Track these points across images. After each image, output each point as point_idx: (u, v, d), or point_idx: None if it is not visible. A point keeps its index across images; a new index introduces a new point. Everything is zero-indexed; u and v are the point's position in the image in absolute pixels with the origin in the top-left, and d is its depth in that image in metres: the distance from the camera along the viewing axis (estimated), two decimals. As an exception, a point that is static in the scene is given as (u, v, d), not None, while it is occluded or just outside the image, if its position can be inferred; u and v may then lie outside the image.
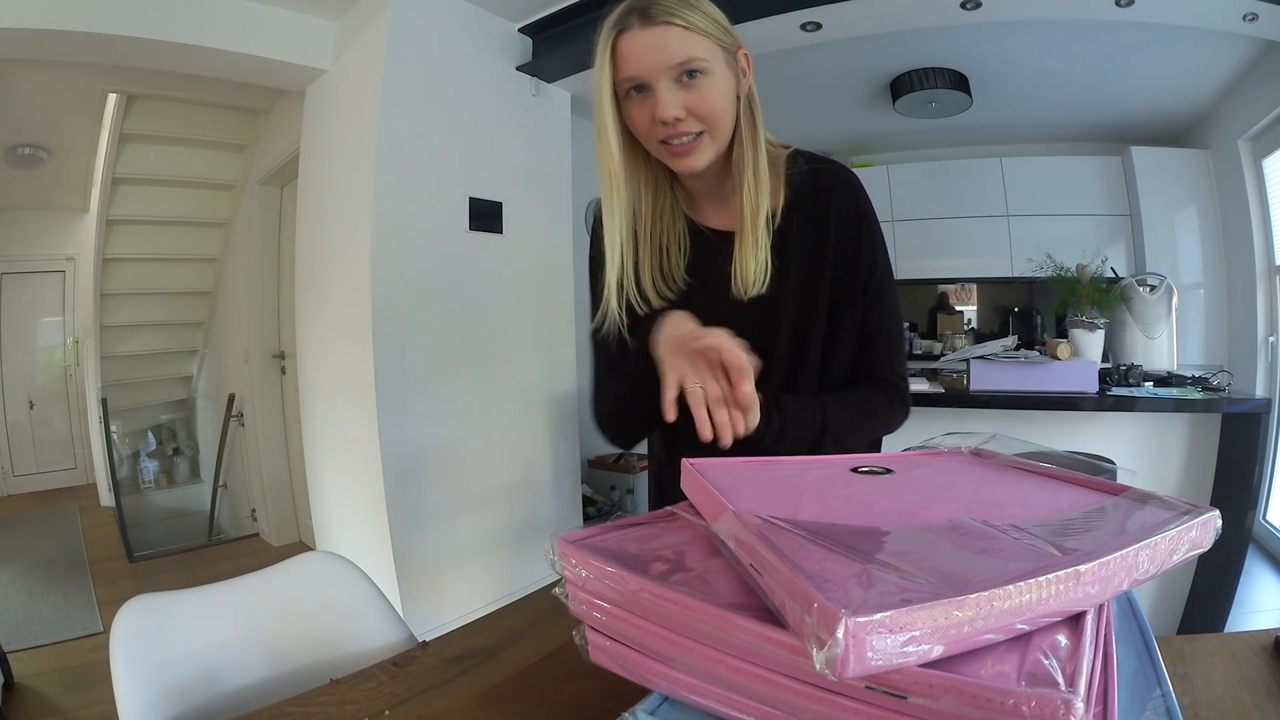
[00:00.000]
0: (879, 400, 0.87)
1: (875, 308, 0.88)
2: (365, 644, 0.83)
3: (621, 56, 0.78)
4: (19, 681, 2.18)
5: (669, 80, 0.77)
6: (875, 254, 0.88)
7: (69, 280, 5.02)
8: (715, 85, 0.79)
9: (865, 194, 0.89)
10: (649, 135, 0.81)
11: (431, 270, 2.50)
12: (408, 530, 2.39)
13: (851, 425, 0.84)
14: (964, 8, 2.29)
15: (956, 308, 4.39)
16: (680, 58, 0.77)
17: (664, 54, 0.77)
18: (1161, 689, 0.42)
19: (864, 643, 0.29)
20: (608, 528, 0.54)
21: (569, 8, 2.63)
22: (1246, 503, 1.96)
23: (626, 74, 0.78)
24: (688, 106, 0.78)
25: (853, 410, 0.85)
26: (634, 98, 0.80)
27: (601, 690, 0.57)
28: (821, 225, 0.86)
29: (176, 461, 4.85)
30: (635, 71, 0.77)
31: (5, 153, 3.70)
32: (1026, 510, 0.48)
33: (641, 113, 0.79)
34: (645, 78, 0.77)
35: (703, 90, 0.78)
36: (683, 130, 0.79)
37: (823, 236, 0.86)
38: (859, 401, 0.86)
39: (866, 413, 0.87)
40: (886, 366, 0.89)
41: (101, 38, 2.15)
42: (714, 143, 0.81)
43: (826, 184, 0.88)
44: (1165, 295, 2.32)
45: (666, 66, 0.77)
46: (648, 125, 0.80)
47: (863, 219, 0.87)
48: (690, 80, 0.78)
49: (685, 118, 0.78)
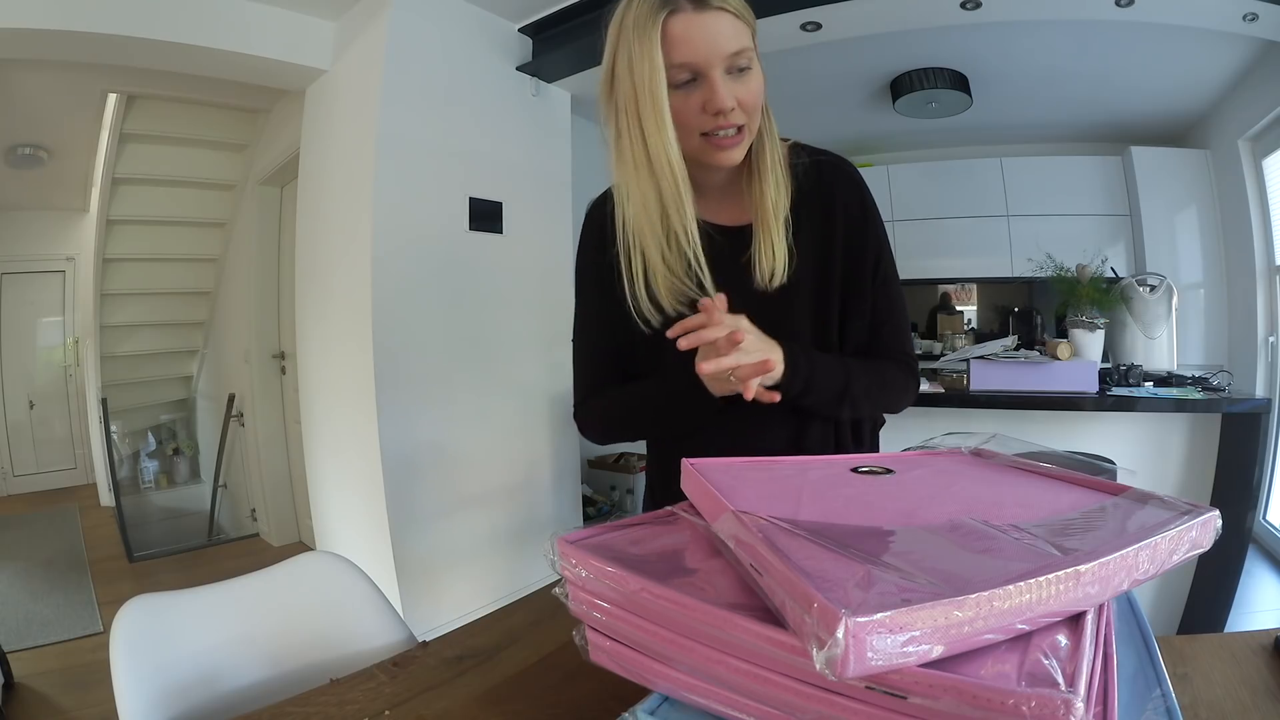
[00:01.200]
0: (895, 373, 0.90)
1: (884, 294, 0.90)
2: (365, 644, 0.83)
3: (673, 40, 0.74)
4: (19, 681, 2.18)
5: (723, 70, 0.75)
6: (880, 243, 0.90)
7: (69, 280, 5.02)
8: (757, 79, 0.78)
9: (866, 185, 0.91)
10: (693, 126, 0.78)
11: (431, 270, 2.50)
12: (408, 530, 2.39)
13: (870, 391, 0.86)
14: (964, 8, 2.29)
15: (956, 308, 4.39)
16: (735, 47, 0.75)
17: (722, 41, 0.74)
18: (1161, 689, 0.42)
19: (864, 643, 0.29)
20: (608, 528, 0.54)
21: (569, 8, 2.63)
22: (1246, 503, 1.96)
23: (680, 59, 0.74)
24: (737, 98, 0.76)
25: (872, 378, 0.87)
26: (681, 90, 0.76)
27: (601, 690, 0.57)
28: (828, 217, 0.88)
29: (176, 461, 4.85)
30: (690, 58, 0.74)
31: (5, 153, 3.70)
32: (1026, 510, 0.48)
33: (689, 102, 0.76)
34: (701, 65, 0.74)
35: (749, 83, 0.77)
36: (731, 122, 0.77)
37: (830, 227, 0.88)
38: (879, 370, 0.88)
39: (885, 382, 0.89)
40: (897, 348, 0.91)
41: (101, 38, 2.15)
42: (750, 136, 0.81)
43: (830, 176, 0.89)
44: (1165, 295, 2.32)
45: (723, 55, 0.74)
46: (695, 116, 0.77)
47: (867, 210, 0.89)
48: (740, 73, 0.76)
49: (735, 109, 0.76)
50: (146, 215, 4.05)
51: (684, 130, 0.78)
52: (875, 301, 0.89)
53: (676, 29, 0.73)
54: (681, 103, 0.76)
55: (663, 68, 0.74)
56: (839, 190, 0.88)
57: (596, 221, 0.93)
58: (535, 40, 2.81)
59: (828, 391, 0.83)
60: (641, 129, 0.77)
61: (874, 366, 0.88)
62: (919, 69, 3.29)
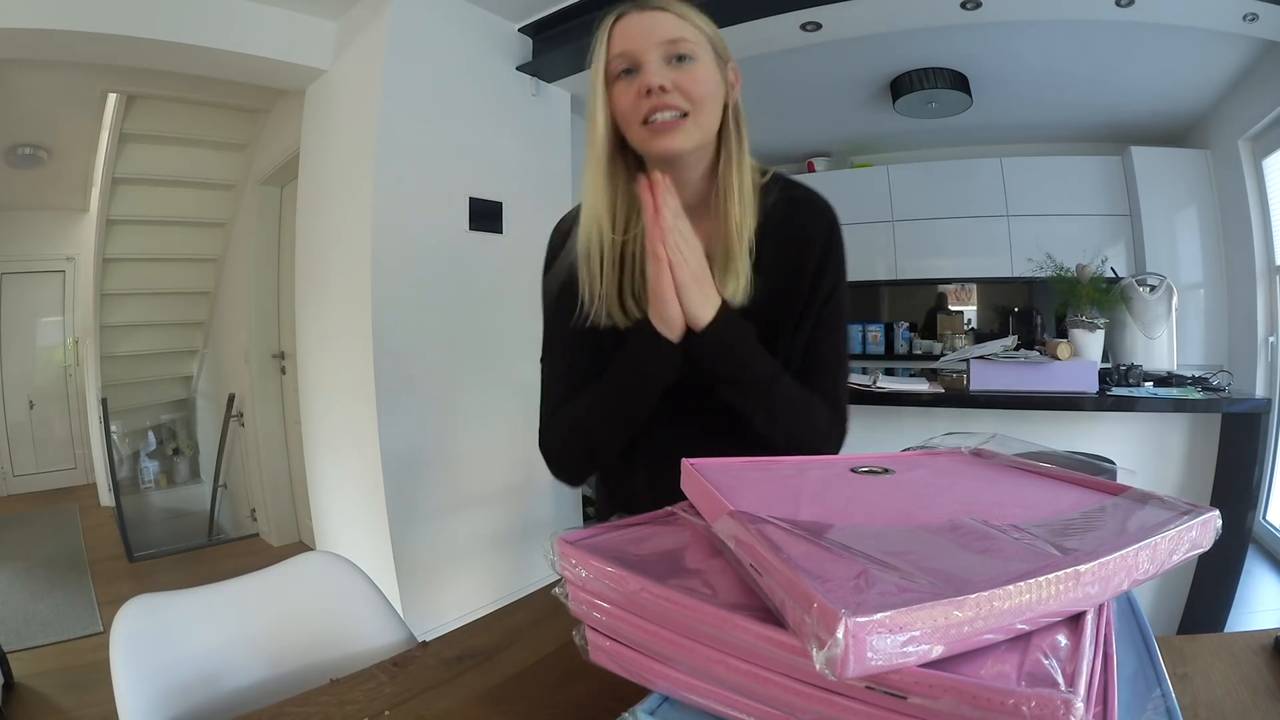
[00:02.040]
0: (822, 411, 0.87)
1: (827, 337, 0.88)
2: (365, 644, 0.83)
3: (615, 36, 0.80)
4: (19, 681, 2.18)
5: (658, 55, 0.79)
6: (838, 280, 0.88)
7: (69, 280, 5.02)
8: (702, 69, 0.80)
9: (838, 223, 0.89)
10: (633, 114, 0.80)
11: (431, 270, 2.50)
12: (408, 530, 2.39)
13: (792, 407, 0.83)
14: (964, 8, 2.29)
15: (956, 308, 4.39)
16: (672, 35, 0.79)
17: (655, 30, 0.79)
18: (1161, 689, 0.42)
19: (864, 643, 0.29)
20: (608, 528, 0.54)
21: (569, 8, 2.63)
22: (1246, 503, 1.95)
23: (617, 50, 0.80)
24: (675, 83, 0.79)
25: (799, 397, 0.84)
26: (622, 79, 0.81)
27: (601, 690, 0.57)
28: (793, 253, 0.86)
29: (176, 461, 4.85)
30: (626, 47, 0.79)
31: (5, 153, 3.70)
32: (1026, 510, 0.48)
33: (628, 91, 0.80)
34: (635, 53, 0.79)
35: (691, 71, 0.79)
36: (668, 103, 0.78)
37: (793, 263, 0.86)
38: (809, 398, 0.86)
39: (810, 412, 0.86)
40: (831, 390, 0.88)
41: (101, 38, 2.15)
42: (697, 129, 0.81)
43: (801, 213, 0.88)
44: (1165, 295, 2.32)
45: (656, 42, 0.79)
46: (633, 101, 0.79)
47: (832, 250, 0.87)
48: (679, 63, 0.79)
49: (671, 91, 0.78)
50: (146, 215, 4.05)
51: (627, 121, 0.81)
52: (815, 333, 0.87)
53: (619, 28, 0.81)
54: (623, 93, 0.80)
55: (604, 65, 0.81)
56: (809, 228, 0.87)
57: (560, 233, 0.94)
58: (535, 40, 2.81)
59: (752, 371, 0.82)
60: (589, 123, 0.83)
61: (805, 392, 0.85)
62: (919, 69, 3.29)
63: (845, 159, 4.56)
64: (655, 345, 0.81)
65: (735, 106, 0.85)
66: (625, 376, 0.84)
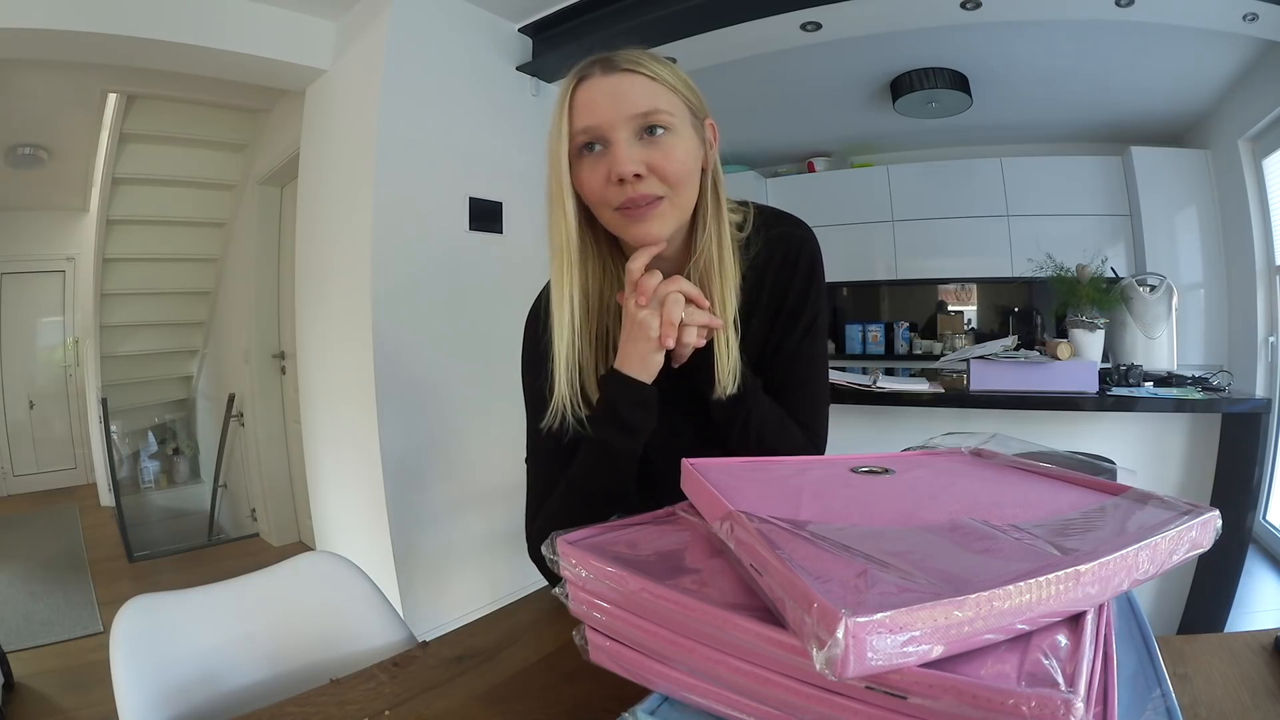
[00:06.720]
0: (799, 437, 0.82)
1: (806, 359, 0.84)
2: (365, 644, 0.83)
3: (577, 106, 0.70)
4: (19, 681, 2.18)
5: (628, 133, 0.69)
6: (818, 311, 0.84)
7: (69, 280, 5.01)
8: (680, 144, 0.71)
9: (820, 254, 0.85)
10: (602, 199, 0.71)
11: (431, 270, 2.50)
12: (408, 530, 2.39)
13: (767, 424, 0.80)
14: (964, 8, 2.30)
15: (956, 308, 4.39)
16: (643, 108, 0.69)
17: (624, 103, 0.69)
18: (1161, 689, 0.42)
19: (864, 643, 0.29)
20: (608, 528, 0.54)
21: (569, 8, 2.63)
22: (1246, 503, 1.95)
23: (581, 125, 0.69)
24: (649, 164, 0.69)
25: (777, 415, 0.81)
26: (586, 156, 0.71)
27: (601, 690, 0.57)
28: (776, 293, 0.83)
29: (176, 461, 4.86)
30: (591, 122, 0.69)
31: (5, 153, 3.70)
32: (1026, 510, 0.48)
33: (595, 172, 0.70)
34: (602, 128, 0.69)
35: (666, 148, 0.70)
36: (643, 192, 0.69)
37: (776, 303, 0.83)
38: (784, 419, 0.82)
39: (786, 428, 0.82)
40: (809, 418, 0.84)
41: (101, 38, 2.15)
42: (675, 210, 0.73)
43: (779, 255, 0.83)
44: (1165, 295, 2.32)
45: (626, 116, 0.69)
46: (601, 186, 0.70)
47: (814, 281, 0.83)
48: (652, 137, 0.70)
49: (646, 176, 0.69)
50: (146, 215, 4.05)
51: (597, 204, 0.72)
52: (793, 362, 0.83)
53: (581, 95, 0.70)
54: (590, 172, 0.71)
55: (566, 140, 0.70)
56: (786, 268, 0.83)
57: (534, 317, 0.89)
58: (535, 40, 2.81)
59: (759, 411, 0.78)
60: (551, 206, 0.73)
61: (781, 414, 0.82)
62: (919, 69, 3.29)
63: (845, 159, 4.56)
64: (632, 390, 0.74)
65: (715, 170, 0.77)
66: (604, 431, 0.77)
